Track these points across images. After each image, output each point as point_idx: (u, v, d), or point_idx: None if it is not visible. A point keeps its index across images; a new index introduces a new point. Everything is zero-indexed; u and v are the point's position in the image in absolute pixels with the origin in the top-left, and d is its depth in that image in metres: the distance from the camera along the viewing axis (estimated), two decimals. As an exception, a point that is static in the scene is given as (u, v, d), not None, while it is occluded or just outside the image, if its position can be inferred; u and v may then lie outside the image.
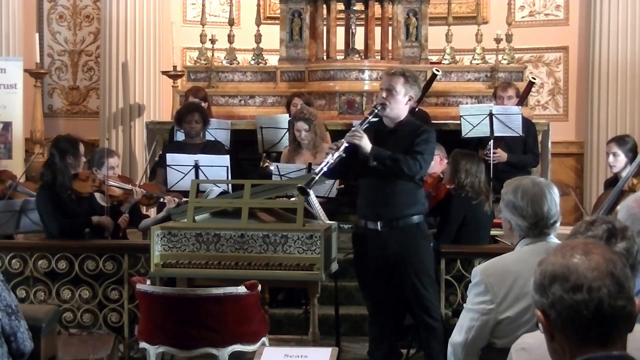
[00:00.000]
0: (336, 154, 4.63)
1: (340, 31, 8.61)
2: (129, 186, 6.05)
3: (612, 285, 1.80)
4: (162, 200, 6.18)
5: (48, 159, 5.99)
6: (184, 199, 5.72)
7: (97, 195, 5.96)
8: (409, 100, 4.83)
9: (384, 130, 4.86)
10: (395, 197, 4.77)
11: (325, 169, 4.62)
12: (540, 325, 1.88)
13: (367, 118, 4.80)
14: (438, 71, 7.89)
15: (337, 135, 7.14)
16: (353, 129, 4.77)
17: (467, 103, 8.10)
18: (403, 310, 5.11)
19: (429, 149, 4.85)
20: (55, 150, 5.81)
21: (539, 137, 7.60)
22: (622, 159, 6.02)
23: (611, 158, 6.07)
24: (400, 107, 4.81)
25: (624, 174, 5.92)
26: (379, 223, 4.81)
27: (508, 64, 8.58)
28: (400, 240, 4.79)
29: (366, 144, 4.68)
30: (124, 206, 6.03)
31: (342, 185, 6.36)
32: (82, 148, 5.95)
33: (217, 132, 7.21)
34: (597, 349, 1.80)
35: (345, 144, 4.66)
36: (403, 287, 4.87)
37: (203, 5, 9.21)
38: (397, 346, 5.19)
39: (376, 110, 4.78)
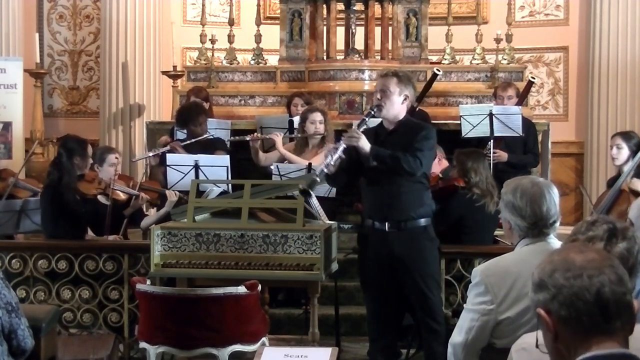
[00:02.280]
0: (335, 156, 4.61)
1: (340, 31, 8.60)
2: (134, 191, 6.07)
3: (611, 274, 1.82)
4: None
5: (55, 157, 6.00)
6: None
7: (100, 196, 5.97)
8: (405, 99, 4.81)
9: (384, 132, 4.86)
10: (401, 198, 4.75)
11: (325, 170, 4.60)
12: (542, 328, 1.87)
13: (364, 120, 4.80)
14: (439, 71, 7.88)
15: (337, 135, 7.16)
16: (350, 130, 4.76)
17: (467, 103, 8.09)
18: (403, 310, 5.11)
19: (429, 146, 4.81)
20: (63, 149, 5.81)
21: (539, 137, 7.59)
22: (625, 152, 6.02)
23: (614, 150, 6.07)
24: (396, 107, 4.79)
25: (625, 168, 5.91)
26: (386, 224, 4.79)
27: (508, 64, 8.58)
28: (407, 242, 4.78)
29: (364, 144, 4.66)
30: (127, 210, 6.05)
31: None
32: (90, 149, 5.96)
33: (217, 132, 7.21)
34: (601, 338, 1.80)
35: (344, 145, 4.64)
36: (407, 288, 4.86)
37: (203, 5, 9.20)
38: (396, 346, 5.19)
39: (373, 112, 4.77)
